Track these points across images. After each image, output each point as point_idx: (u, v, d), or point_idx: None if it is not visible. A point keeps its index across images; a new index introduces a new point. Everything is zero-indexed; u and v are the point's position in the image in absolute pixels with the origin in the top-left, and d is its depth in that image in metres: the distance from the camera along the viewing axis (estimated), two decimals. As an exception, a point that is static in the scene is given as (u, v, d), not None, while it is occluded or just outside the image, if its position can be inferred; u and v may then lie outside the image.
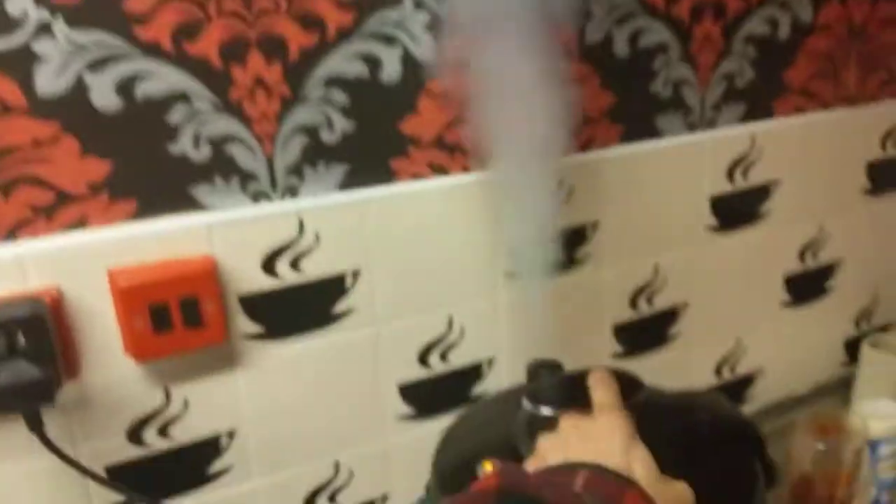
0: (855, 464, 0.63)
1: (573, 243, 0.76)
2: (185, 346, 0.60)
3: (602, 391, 0.50)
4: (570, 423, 0.48)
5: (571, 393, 0.51)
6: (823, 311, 0.96)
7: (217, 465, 0.66)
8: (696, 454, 0.47)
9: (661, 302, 0.83)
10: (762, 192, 0.86)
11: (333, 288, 0.66)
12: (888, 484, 0.70)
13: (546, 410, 0.52)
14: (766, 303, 0.91)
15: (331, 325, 0.67)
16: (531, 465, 0.46)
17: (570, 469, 0.41)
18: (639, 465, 0.43)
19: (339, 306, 0.67)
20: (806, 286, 0.93)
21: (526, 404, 0.53)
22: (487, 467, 0.48)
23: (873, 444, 0.69)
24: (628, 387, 0.51)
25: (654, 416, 0.50)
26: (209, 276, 0.59)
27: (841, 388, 0.98)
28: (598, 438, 0.45)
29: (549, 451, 0.46)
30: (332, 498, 0.73)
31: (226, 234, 0.61)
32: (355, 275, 0.67)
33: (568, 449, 0.45)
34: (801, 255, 0.91)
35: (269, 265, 0.63)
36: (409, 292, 0.70)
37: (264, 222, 0.62)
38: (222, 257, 0.61)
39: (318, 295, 0.66)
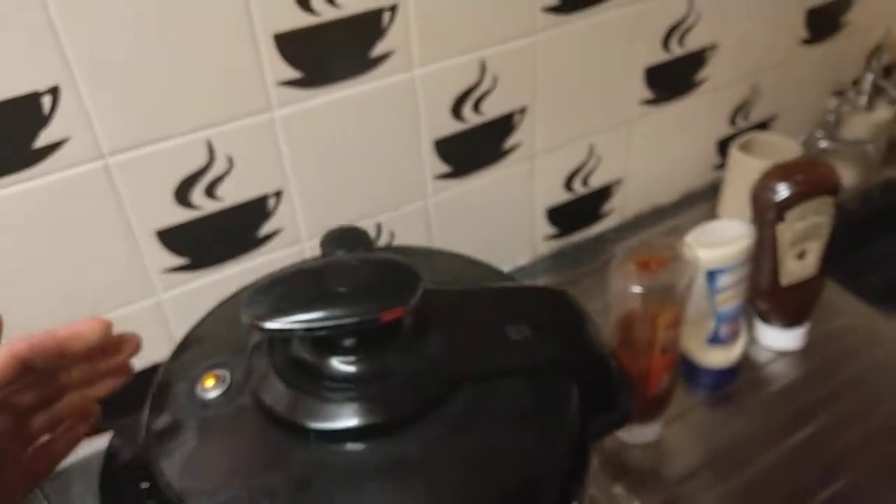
0: (680, 304, 0.57)
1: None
2: None
3: None
4: None
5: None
6: (692, 108, 0.88)
7: None
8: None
9: (492, 108, 0.72)
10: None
11: (28, 110, 0.52)
12: (728, 316, 0.66)
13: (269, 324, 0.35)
14: (625, 101, 0.82)
15: (38, 164, 0.54)
16: None
17: None
18: None
19: (44, 137, 0.54)
20: (671, 79, 0.84)
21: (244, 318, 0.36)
22: (208, 382, 0.39)
23: (711, 274, 0.63)
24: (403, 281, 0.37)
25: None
26: None
27: (711, 197, 0.93)
28: None
29: None
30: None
31: None
32: (53, 91, 0.53)
33: None
34: (666, 41, 0.80)
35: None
36: (144, 106, 0.56)
37: None
38: None
39: (9, 122, 0.52)
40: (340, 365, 0.37)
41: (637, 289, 0.55)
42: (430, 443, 0.36)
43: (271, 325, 0.35)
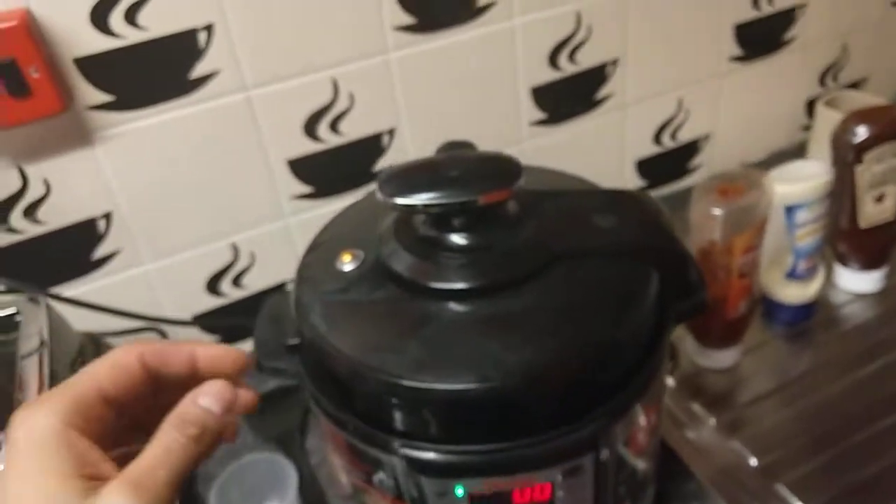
0: (757, 229, 0.63)
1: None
2: (17, 118, 0.58)
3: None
4: None
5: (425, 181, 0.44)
6: (780, 67, 0.92)
7: (101, 251, 0.68)
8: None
9: (586, 58, 0.79)
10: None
11: (187, 45, 0.62)
12: (806, 251, 0.70)
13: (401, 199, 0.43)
14: (714, 57, 0.87)
15: (193, 93, 0.64)
16: None
17: None
18: None
19: (199, 69, 0.64)
20: (760, 36, 0.88)
21: (378, 195, 0.44)
22: (346, 257, 0.48)
23: (790, 209, 0.68)
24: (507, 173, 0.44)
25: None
26: (26, 33, 0.56)
27: (800, 156, 0.97)
28: None
29: None
30: (235, 281, 0.75)
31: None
32: (208, 29, 0.63)
33: None
34: (755, 0, 0.85)
35: (100, 20, 0.59)
36: (282, 45, 0.66)
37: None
38: (40, 11, 0.57)
39: (171, 54, 0.62)
40: (455, 239, 0.45)
41: (717, 211, 0.61)
42: (526, 304, 0.43)
43: (400, 200, 0.43)
